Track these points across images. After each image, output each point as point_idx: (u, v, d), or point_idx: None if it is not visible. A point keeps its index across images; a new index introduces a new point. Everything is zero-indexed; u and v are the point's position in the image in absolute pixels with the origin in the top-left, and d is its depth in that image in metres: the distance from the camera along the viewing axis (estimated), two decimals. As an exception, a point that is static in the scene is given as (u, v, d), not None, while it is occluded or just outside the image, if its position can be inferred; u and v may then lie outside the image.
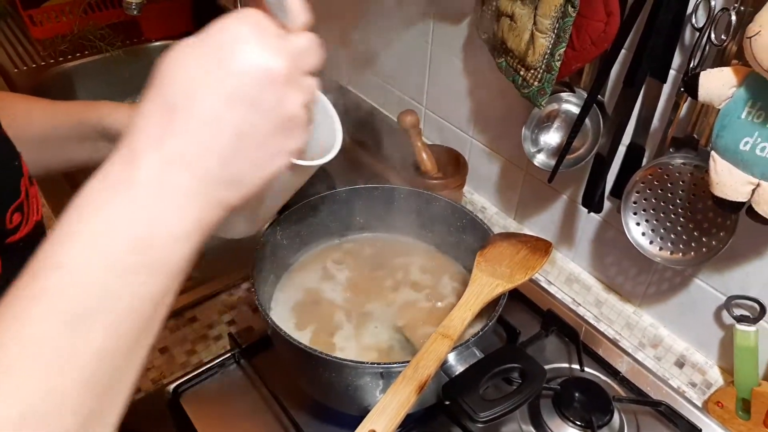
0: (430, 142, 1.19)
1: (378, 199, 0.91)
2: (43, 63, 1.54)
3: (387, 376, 0.67)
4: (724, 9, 0.66)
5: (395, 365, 0.66)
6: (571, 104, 0.86)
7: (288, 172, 0.66)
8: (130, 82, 1.62)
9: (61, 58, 1.55)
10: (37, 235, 0.69)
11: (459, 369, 0.68)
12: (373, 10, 1.15)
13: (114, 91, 1.60)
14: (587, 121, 0.83)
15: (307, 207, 0.87)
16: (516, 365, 0.66)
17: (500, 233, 0.82)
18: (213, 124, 0.40)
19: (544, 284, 1.02)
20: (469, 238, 0.86)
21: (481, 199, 1.12)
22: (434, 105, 1.15)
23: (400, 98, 1.22)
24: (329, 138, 0.70)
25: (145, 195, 0.38)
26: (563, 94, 0.86)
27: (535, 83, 0.81)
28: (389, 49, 1.19)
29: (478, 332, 0.69)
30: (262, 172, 0.43)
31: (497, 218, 1.09)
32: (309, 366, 0.70)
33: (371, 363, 0.67)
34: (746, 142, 0.65)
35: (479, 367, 0.67)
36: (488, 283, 0.73)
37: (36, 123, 0.73)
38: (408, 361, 0.65)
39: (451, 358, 0.68)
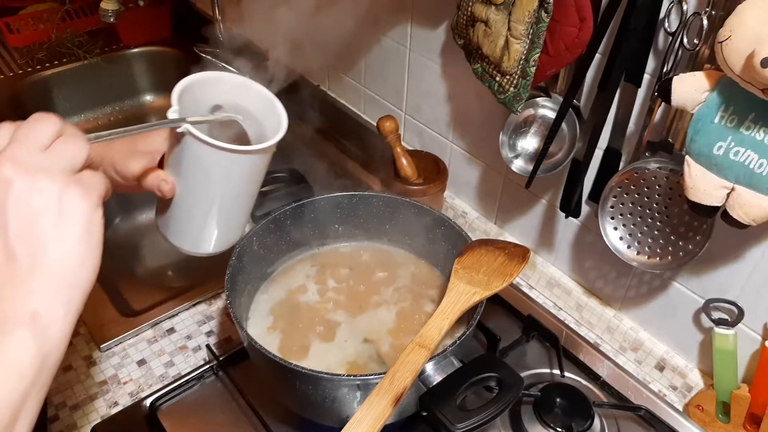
0: (410, 147, 1.19)
1: (356, 207, 0.90)
2: (20, 71, 1.52)
3: (364, 387, 0.66)
4: (696, 13, 0.66)
5: (372, 377, 0.65)
6: (547, 109, 0.86)
7: (243, 161, 0.64)
8: (109, 90, 1.61)
9: (38, 66, 1.53)
10: None
11: (437, 378, 0.67)
12: (349, 12, 1.15)
13: (92, 99, 1.59)
14: (564, 125, 0.83)
15: (284, 216, 0.86)
16: (493, 374, 0.65)
17: (478, 240, 0.82)
18: None
19: (525, 288, 1.02)
20: (447, 245, 0.86)
21: (462, 203, 1.12)
22: (414, 110, 1.14)
23: (379, 103, 1.21)
24: (275, 123, 0.68)
25: None
26: (539, 99, 0.85)
27: (511, 89, 0.81)
28: (367, 53, 1.18)
29: (456, 341, 0.68)
30: (51, 254, 0.44)
31: (478, 223, 1.08)
32: (285, 379, 0.69)
33: (347, 375, 0.66)
34: (719, 147, 0.65)
35: (457, 377, 0.67)
36: (465, 291, 0.72)
37: None
38: (384, 373, 0.64)
39: (429, 367, 0.68)
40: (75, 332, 0.92)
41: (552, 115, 0.85)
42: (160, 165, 0.67)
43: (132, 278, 1.06)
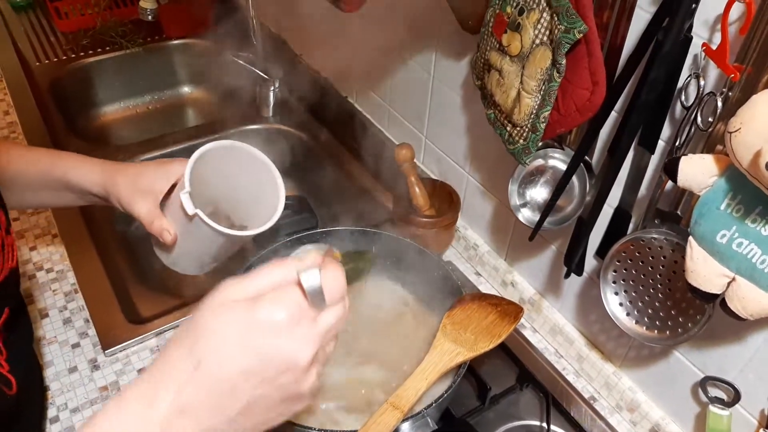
0: (428, 172, 1.17)
1: (358, 241, 0.90)
2: (64, 57, 1.56)
3: (336, 439, 0.67)
4: (712, 93, 0.62)
5: (342, 434, 0.65)
6: (558, 160, 0.83)
7: (239, 239, 0.73)
8: (148, 80, 1.64)
9: (81, 53, 1.57)
10: (11, 280, 0.72)
11: (411, 438, 0.67)
12: (379, 30, 1.14)
13: (131, 88, 1.62)
14: (575, 179, 0.81)
15: (286, 246, 0.87)
16: (463, 444, 0.65)
17: (471, 294, 0.81)
18: (230, 391, 0.43)
19: (528, 332, 1.00)
20: (443, 292, 0.85)
21: (474, 235, 1.10)
22: (434, 136, 1.13)
23: (402, 124, 1.20)
24: (273, 202, 0.74)
25: None
26: (551, 150, 0.83)
27: (521, 141, 0.78)
28: (394, 74, 1.17)
29: (432, 404, 0.68)
30: (260, 429, 0.46)
31: (488, 257, 1.07)
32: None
33: (318, 429, 0.66)
34: (723, 235, 0.62)
35: (429, 440, 0.67)
36: (449, 350, 0.72)
37: (6, 168, 0.76)
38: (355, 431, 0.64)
39: (405, 427, 0.68)
40: (83, 333, 0.97)
41: (563, 166, 0.82)
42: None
43: (144, 281, 1.09)
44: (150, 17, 1.35)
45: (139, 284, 1.06)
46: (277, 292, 0.44)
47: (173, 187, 0.75)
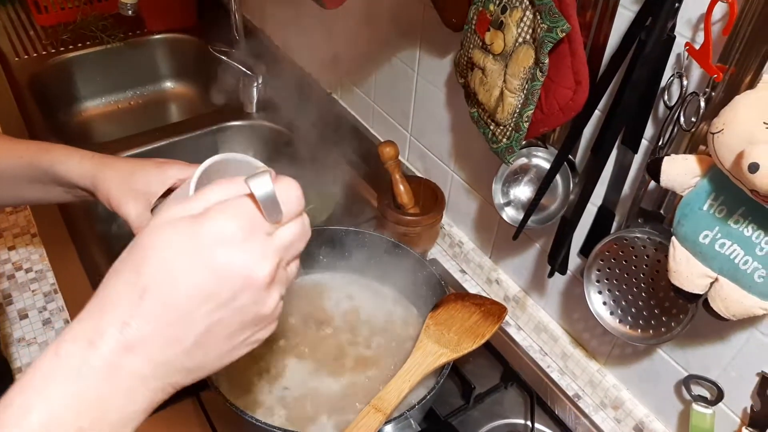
0: (413, 169, 1.17)
1: (343, 240, 0.89)
2: (44, 52, 1.53)
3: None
4: (695, 93, 0.62)
5: (325, 436, 0.65)
6: (541, 159, 0.83)
7: None
8: (130, 75, 1.61)
9: (62, 48, 1.55)
10: None
11: (394, 440, 0.67)
12: (363, 25, 1.12)
13: (113, 84, 1.60)
14: (558, 178, 0.80)
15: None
16: (446, 447, 0.65)
17: (454, 293, 0.80)
18: (183, 318, 0.38)
19: (512, 329, 1.00)
20: (428, 291, 0.84)
21: (459, 233, 1.10)
22: (418, 133, 1.12)
23: (387, 120, 1.19)
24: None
25: (96, 379, 0.37)
26: (534, 149, 0.82)
27: (504, 140, 0.78)
28: (378, 70, 1.15)
29: (415, 406, 0.68)
30: (224, 361, 0.42)
31: (473, 255, 1.06)
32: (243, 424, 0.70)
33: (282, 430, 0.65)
34: (706, 235, 0.62)
35: (412, 442, 0.66)
36: (432, 351, 0.71)
37: None
38: (338, 434, 0.64)
39: (387, 430, 0.67)
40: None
41: (546, 165, 0.82)
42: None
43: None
44: (130, 12, 1.33)
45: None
46: (226, 203, 0.39)
47: (169, 191, 0.69)
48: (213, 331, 0.39)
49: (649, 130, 0.71)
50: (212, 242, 0.38)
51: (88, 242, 1.09)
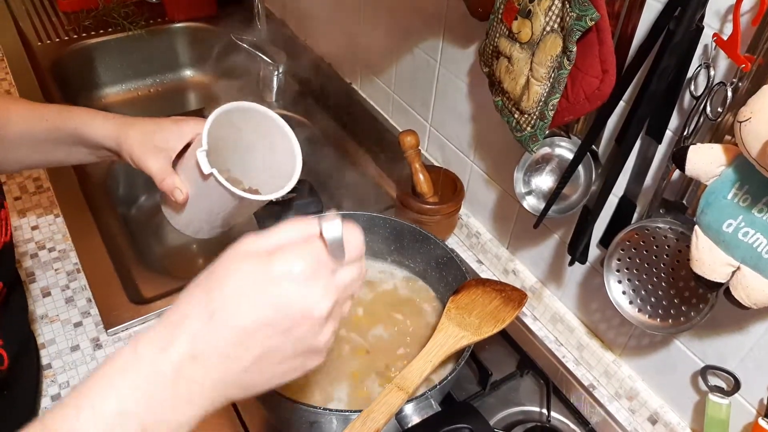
0: (432, 159, 1.18)
1: (367, 226, 0.90)
2: (66, 38, 1.55)
3: (342, 420, 0.67)
4: (722, 83, 0.63)
5: (349, 413, 0.66)
6: (564, 149, 0.83)
7: (254, 203, 0.71)
8: (150, 63, 1.63)
9: (84, 34, 1.56)
10: (6, 254, 0.71)
11: (414, 420, 0.68)
12: (388, 17, 1.13)
13: (133, 71, 1.61)
14: (580, 168, 0.81)
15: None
16: (466, 426, 0.65)
17: (475, 279, 0.81)
18: (244, 340, 0.42)
19: (529, 319, 1.01)
20: (448, 276, 0.85)
21: (477, 223, 1.11)
22: (438, 123, 1.13)
23: (407, 111, 1.20)
24: (287, 170, 0.72)
25: (163, 382, 0.41)
26: (557, 138, 0.83)
27: (528, 128, 0.79)
28: (399, 61, 1.16)
29: (435, 386, 0.69)
30: (273, 382, 0.46)
31: (490, 245, 1.07)
32: (270, 401, 0.71)
33: (323, 409, 0.67)
34: (729, 224, 0.63)
35: (433, 422, 0.67)
36: (453, 333, 0.72)
37: (13, 124, 0.74)
38: (361, 410, 0.65)
39: (408, 408, 0.68)
40: (86, 313, 0.97)
41: (569, 155, 0.83)
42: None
43: (146, 263, 1.09)
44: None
45: (141, 266, 1.06)
46: (297, 244, 0.44)
47: (187, 146, 0.73)
48: (268, 355, 0.44)
49: (673, 121, 0.72)
50: (280, 277, 0.42)
51: (109, 224, 1.10)
